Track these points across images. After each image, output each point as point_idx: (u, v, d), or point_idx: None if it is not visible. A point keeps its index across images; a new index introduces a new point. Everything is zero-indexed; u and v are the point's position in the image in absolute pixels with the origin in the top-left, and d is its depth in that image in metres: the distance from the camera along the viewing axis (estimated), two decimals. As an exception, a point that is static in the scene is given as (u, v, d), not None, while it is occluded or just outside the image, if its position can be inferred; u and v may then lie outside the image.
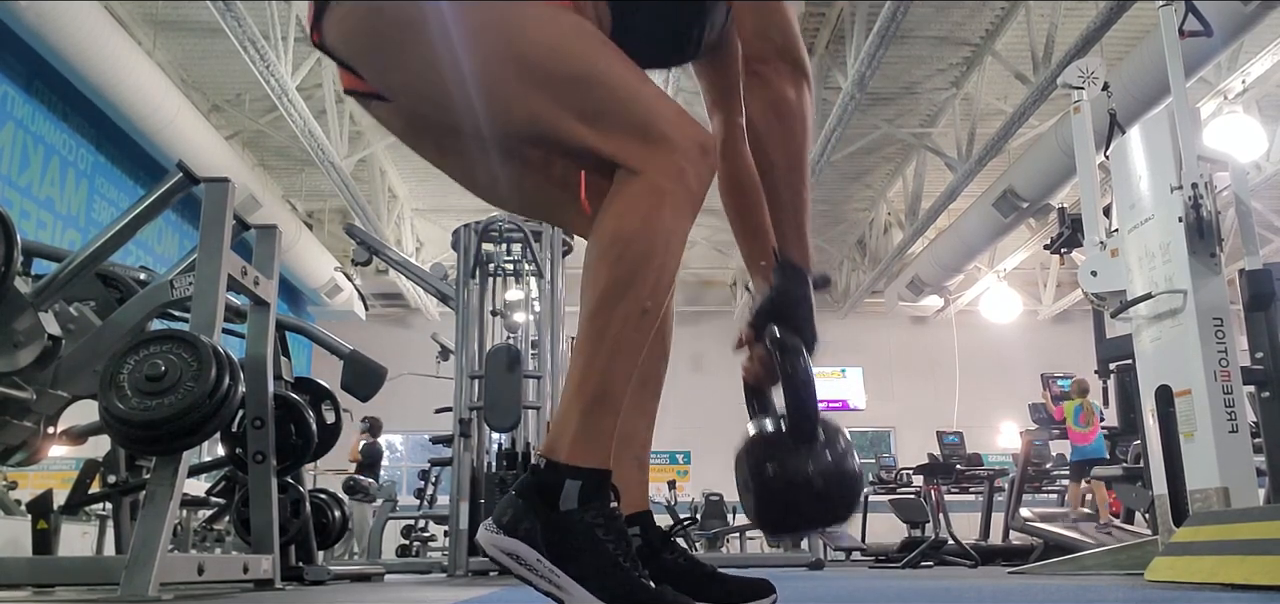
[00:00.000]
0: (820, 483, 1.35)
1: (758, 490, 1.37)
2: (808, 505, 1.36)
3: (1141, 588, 2.61)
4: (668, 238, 1.24)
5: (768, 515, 1.40)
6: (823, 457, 1.35)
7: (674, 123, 1.26)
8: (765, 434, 1.40)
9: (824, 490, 1.35)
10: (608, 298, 1.22)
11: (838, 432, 1.39)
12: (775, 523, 1.42)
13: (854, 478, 1.39)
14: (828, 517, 1.40)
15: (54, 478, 6.97)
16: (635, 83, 1.28)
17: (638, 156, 1.24)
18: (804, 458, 1.35)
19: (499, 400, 5.54)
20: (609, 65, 1.28)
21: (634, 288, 1.22)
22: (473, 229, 6.43)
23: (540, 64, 1.27)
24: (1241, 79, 8.74)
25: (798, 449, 1.36)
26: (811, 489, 1.35)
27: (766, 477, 1.37)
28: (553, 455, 1.24)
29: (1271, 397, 3.64)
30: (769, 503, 1.38)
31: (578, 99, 1.27)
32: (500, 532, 1.25)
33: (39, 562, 3.18)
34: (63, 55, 7.26)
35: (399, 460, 16.78)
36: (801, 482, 1.35)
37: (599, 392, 1.23)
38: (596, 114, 1.26)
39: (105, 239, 2.89)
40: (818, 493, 1.35)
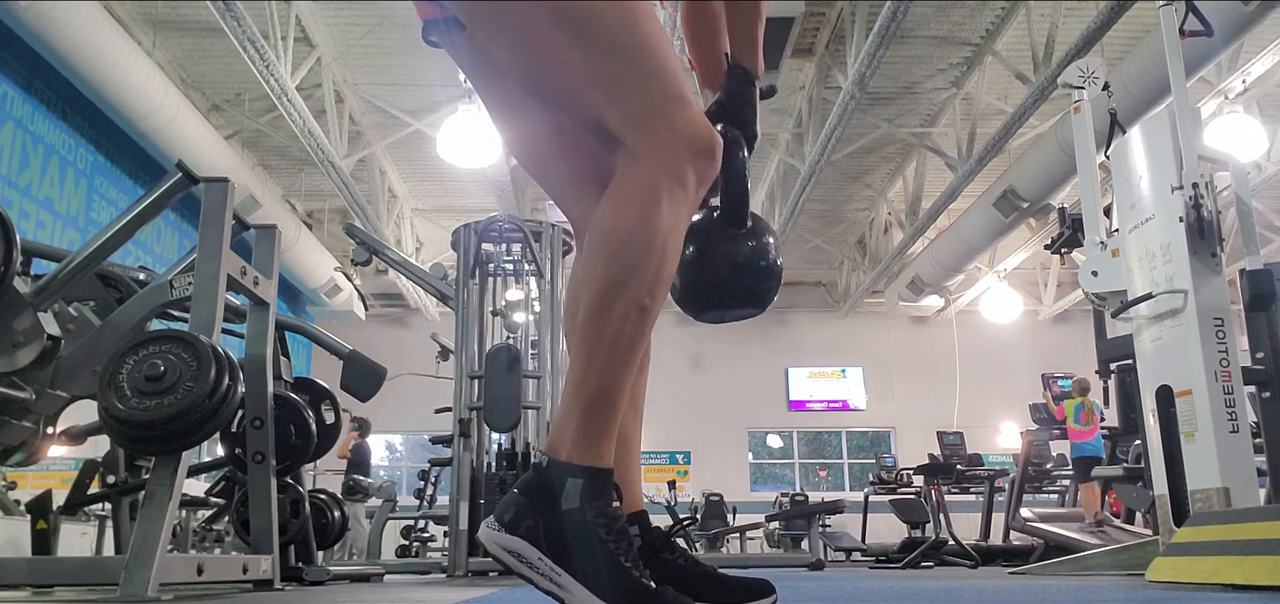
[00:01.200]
0: (743, 263, 1.47)
1: (684, 266, 1.44)
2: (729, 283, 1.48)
3: (1142, 588, 2.61)
4: (666, 235, 1.24)
5: (693, 292, 1.49)
6: (747, 241, 1.48)
7: (686, 118, 1.27)
8: (697, 219, 1.48)
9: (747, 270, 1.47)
10: (606, 296, 1.22)
11: (766, 226, 1.51)
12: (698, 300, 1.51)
13: (774, 266, 1.51)
14: (747, 297, 1.50)
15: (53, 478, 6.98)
16: (662, 66, 1.29)
17: (643, 143, 1.26)
18: (733, 241, 1.47)
19: (499, 400, 5.54)
20: (642, 40, 1.29)
21: (631, 285, 1.22)
22: (473, 229, 6.43)
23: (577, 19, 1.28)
24: (1242, 79, 8.74)
25: (726, 232, 1.47)
26: (735, 267, 1.46)
27: (696, 256, 1.47)
28: (554, 454, 1.24)
29: (1272, 397, 3.64)
30: (696, 279, 1.48)
31: (604, 65, 1.28)
32: (502, 529, 1.25)
33: (38, 562, 3.17)
34: (63, 55, 7.26)
35: (399, 460, 16.78)
36: (725, 260, 1.47)
37: (599, 390, 1.23)
38: (617, 86, 1.28)
39: (105, 239, 2.88)
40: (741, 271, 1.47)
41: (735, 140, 1.45)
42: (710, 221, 1.48)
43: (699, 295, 1.51)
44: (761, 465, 16.28)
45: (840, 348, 16.01)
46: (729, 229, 1.47)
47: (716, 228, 1.47)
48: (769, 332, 15.12)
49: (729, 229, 1.47)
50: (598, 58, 1.28)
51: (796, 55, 9.08)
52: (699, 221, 1.47)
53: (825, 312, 15.81)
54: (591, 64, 1.28)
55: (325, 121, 9.28)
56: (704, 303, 1.52)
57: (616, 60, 1.28)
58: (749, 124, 1.50)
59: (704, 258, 1.46)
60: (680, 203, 1.25)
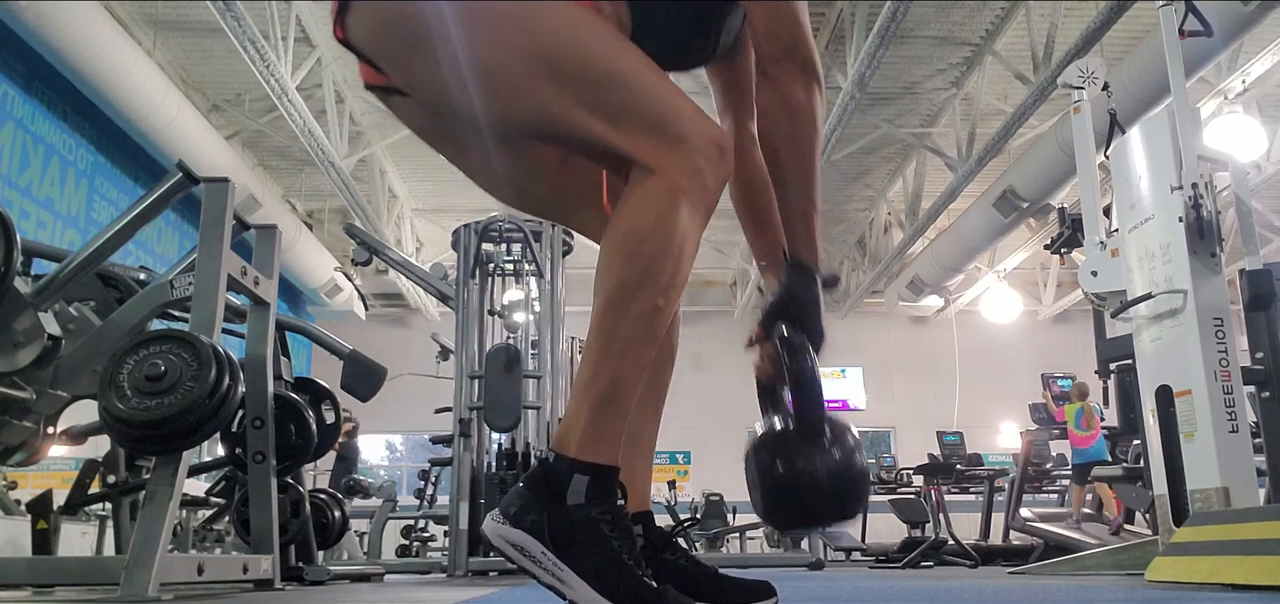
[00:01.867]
0: (826, 480, 1.37)
1: (765, 488, 1.39)
2: (814, 502, 1.39)
3: (1142, 588, 2.61)
4: (682, 237, 1.23)
5: (775, 512, 1.43)
6: (829, 454, 1.37)
7: (692, 122, 1.27)
8: (773, 432, 1.42)
9: (830, 488, 1.37)
10: (620, 295, 1.22)
11: (845, 430, 1.41)
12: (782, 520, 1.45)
13: (860, 475, 1.41)
14: (834, 514, 1.42)
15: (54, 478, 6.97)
16: (654, 82, 1.29)
17: (655, 155, 1.25)
18: (810, 455, 1.37)
19: (499, 400, 5.54)
20: (629, 63, 1.29)
21: (646, 286, 1.22)
22: (473, 229, 6.44)
23: (561, 61, 1.27)
24: (1241, 79, 8.74)
25: (804, 447, 1.38)
26: (817, 486, 1.37)
27: (774, 474, 1.39)
28: (562, 449, 1.24)
29: (1271, 397, 3.64)
30: (776, 500, 1.41)
31: (597, 96, 1.27)
32: (507, 522, 1.25)
33: (39, 562, 3.18)
34: (63, 55, 7.26)
35: (399, 460, 16.78)
36: (807, 479, 1.37)
37: (609, 389, 1.23)
38: (615, 112, 1.26)
39: (105, 239, 2.89)
40: (824, 490, 1.37)
41: (802, 347, 1.40)
42: (786, 434, 1.40)
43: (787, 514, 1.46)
44: (761, 465, 16.25)
45: (840, 348, 15.98)
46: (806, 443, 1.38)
47: (793, 441, 1.39)
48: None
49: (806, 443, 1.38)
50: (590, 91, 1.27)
51: (796, 55, 9.07)
52: (777, 435, 1.41)
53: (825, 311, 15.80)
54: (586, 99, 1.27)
55: (325, 121, 9.28)
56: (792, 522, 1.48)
57: (608, 88, 1.27)
58: (814, 324, 1.43)
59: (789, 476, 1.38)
60: (698, 206, 1.25)
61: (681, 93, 1.30)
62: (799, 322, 1.43)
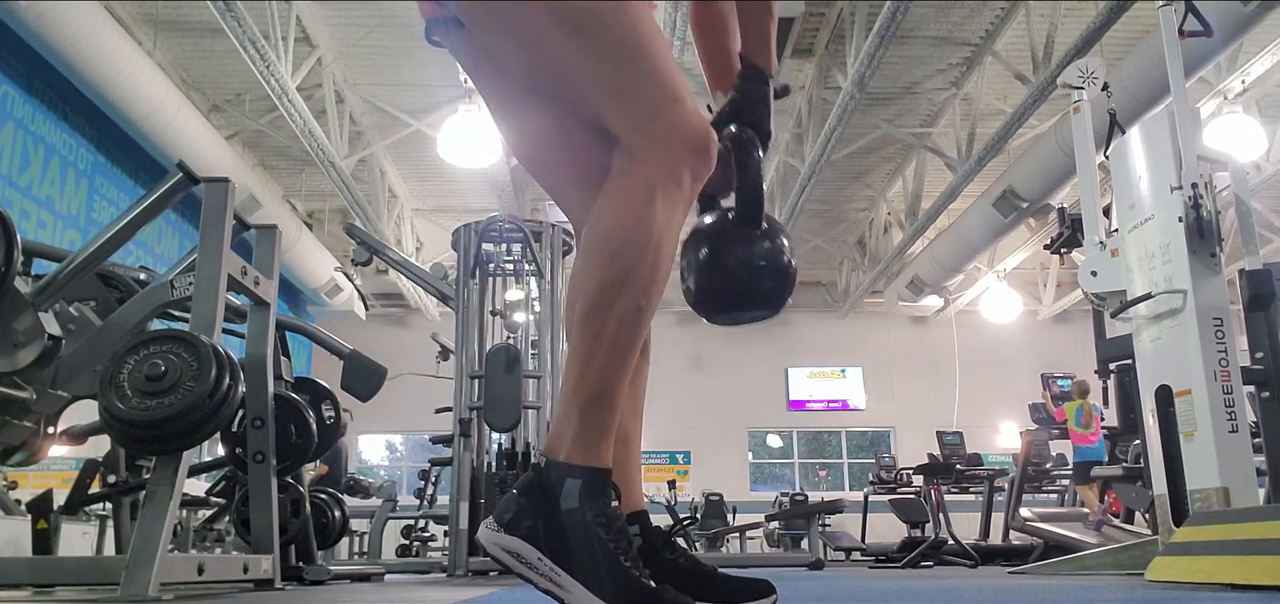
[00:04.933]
0: (759, 264, 1.44)
1: (698, 269, 1.44)
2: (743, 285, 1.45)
3: (1142, 588, 2.61)
4: (661, 234, 1.24)
5: (704, 294, 1.47)
6: (762, 243, 1.44)
7: (683, 117, 1.28)
8: (713, 220, 1.47)
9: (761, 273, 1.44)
10: (603, 298, 1.23)
11: (780, 228, 1.48)
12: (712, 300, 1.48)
13: (787, 269, 1.47)
14: (760, 300, 1.47)
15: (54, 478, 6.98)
16: (661, 66, 1.30)
17: (641, 142, 1.26)
18: (744, 243, 1.44)
19: (499, 400, 5.54)
20: (641, 40, 1.30)
21: (628, 286, 1.23)
22: (473, 229, 6.44)
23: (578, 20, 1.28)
24: (1241, 79, 8.74)
25: (741, 233, 1.44)
26: (751, 270, 1.43)
27: (707, 255, 1.44)
28: (553, 455, 1.24)
29: (1271, 397, 3.64)
30: (708, 281, 1.46)
31: (603, 65, 1.29)
32: (501, 530, 1.25)
33: (39, 562, 3.18)
34: (63, 55, 7.26)
35: (399, 460, 16.78)
36: (739, 261, 1.44)
37: (597, 391, 1.23)
38: (616, 86, 1.28)
39: (105, 239, 2.89)
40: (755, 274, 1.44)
41: (749, 140, 1.43)
42: (725, 223, 1.45)
43: (714, 297, 1.48)
44: (761, 465, 16.28)
45: (840, 348, 16.01)
46: (744, 231, 1.44)
47: (731, 229, 1.44)
48: (769, 332, 15.09)
49: (744, 231, 1.44)
50: (596, 57, 1.29)
51: (796, 55, 9.09)
52: (713, 223, 1.46)
53: (825, 312, 15.81)
54: (590, 63, 1.29)
55: (325, 122, 9.28)
56: (718, 305, 1.49)
57: (615, 60, 1.29)
58: (763, 123, 1.48)
59: (718, 260, 1.44)
60: (675, 201, 1.26)
61: (682, 81, 1.32)
62: (749, 120, 1.47)
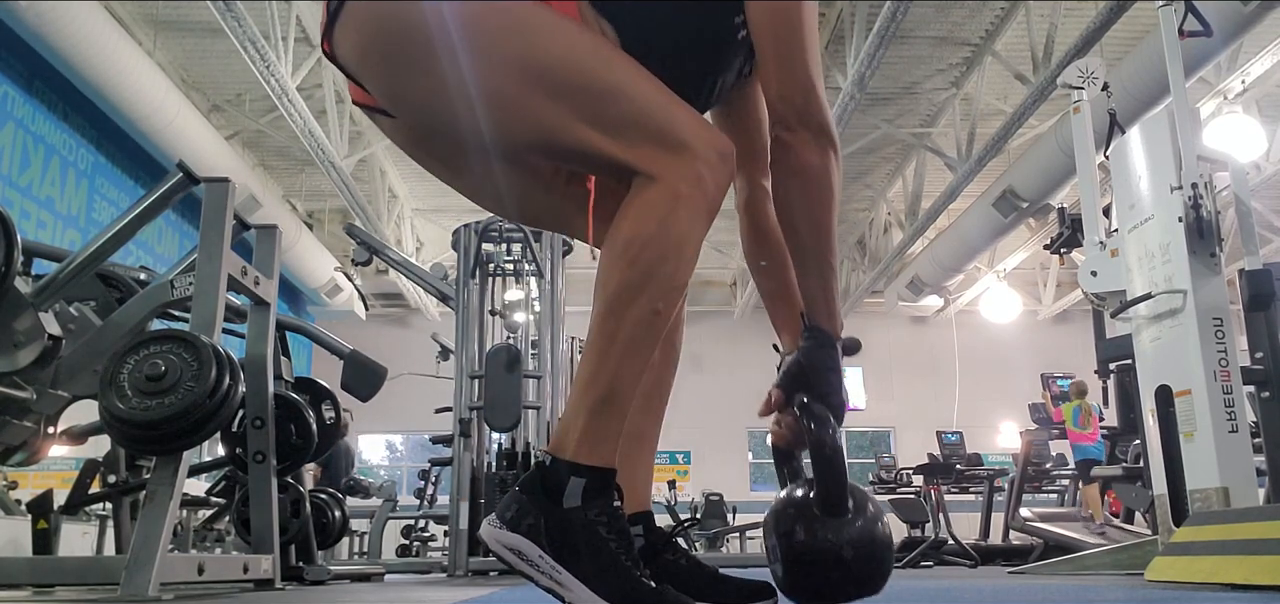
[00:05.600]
0: (850, 555, 1.34)
1: (787, 561, 1.36)
2: (838, 578, 1.35)
3: (1141, 588, 2.61)
4: (682, 242, 1.23)
5: (797, 586, 1.38)
6: (852, 527, 1.34)
7: (693, 129, 1.26)
8: (795, 502, 1.38)
9: (854, 562, 1.34)
10: (620, 299, 1.22)
11: (867, 500, 1.38)
12: (805, 594, 1.38)
13: (885, 547, 1.38)
14: (857, 589, 1.38)
15: (54, 478, 6.98)
16: (652, 91, 1.28)
17: (656, 163, 1.24)
18: (834, 529, 1.34)
19: (499, 400, 5.54)
20: (625, 75, 1.28)
21: (647, 290, 1.22)
22: (473, 229, 6.44)
23: (558, 77, 1.26)
24: (1241, 79, 8.74)
25: (827, 521, 1.34)
26: (841, 561, 1.33)
27: (797, 547, 1.35)
28: (559, 452, 1.24)
29: (1271, 397, 3.64)
30: (799, 574, 1.37)
31: (596, 110, 1.26)
32: (504, 527, 1.25)
33: (39, 562, 3.18)
34: (63, 55, 7.26)
35: (399, 460, 16.78)
36: (831, 554, 1.33)
37: (607, 392, 1.23)
38: (616, 125, 1.25)
39: (105, 239, 2.89)
40: (848, 564, 1.34)
41: (824, 419, 1.36)
42: (808, 507, 1.36)
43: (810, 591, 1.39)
44: (761, 465, 16.28)
45: (840, 348, 16.00)
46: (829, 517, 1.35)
47: (816, 515, 1.35)
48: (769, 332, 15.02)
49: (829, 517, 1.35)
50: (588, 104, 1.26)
51: (796, 55, 9.07)
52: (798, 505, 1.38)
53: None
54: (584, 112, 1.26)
55: (326, 122, 9.28)
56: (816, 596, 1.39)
57: (606, 100, 1.26)
58: (835, 395, 1.40)
59: (811, 552, 1.34)
60: (698, 209, 1.24)
61: (679, 100, 1.29)
62: (819, 392, 1.39)
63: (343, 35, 1.33)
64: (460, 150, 1.40)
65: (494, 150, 1.36)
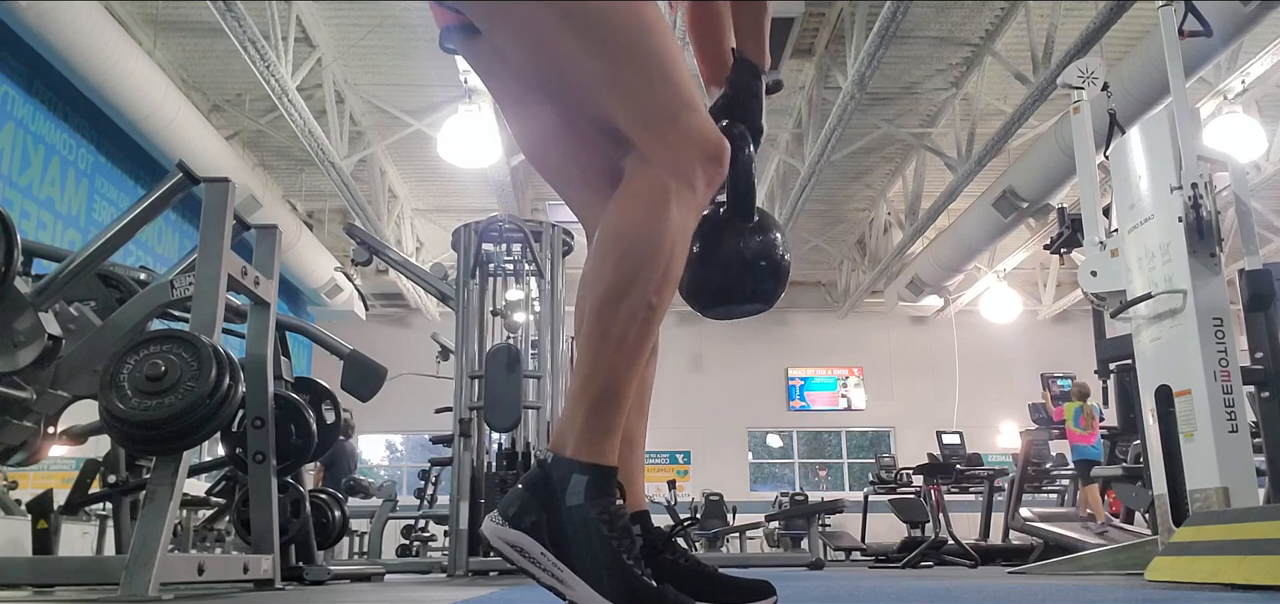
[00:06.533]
0: (750, 257, 1.45)
1: (691, 262, 1.42)
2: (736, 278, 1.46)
3: (1141, 588, 2.62)
4: (673, 237, 1.25)
5: (699, 287, 1.47)
6: (755, 237, 1.45)
7: (696, 123, 1.29)
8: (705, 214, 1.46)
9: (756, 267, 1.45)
10: (612, 295, 1.23)
11: (773, 222, 1.49)
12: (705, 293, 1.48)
13: (780, 262, 1.48)
14: (754, 294, 1.48)
15: (54, 478, 6.98)
16: (672, 71, 1.30)
17: (655, 148, 1.27)
18: (738, 235, 1.45)
19: (499, 400, 5.54)
20: (653, 45, 1.30)
21: (638, 285, 1.23)
22: (473, 229, 6.44)
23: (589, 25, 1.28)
24: (1241, 79, 8.74)
25: (733, 227, 1.45)
26: (743, 264, 1.45)
27: (701, 249, 1.45)
28: (559, 451, 1.25)
29: (1271, 397, 3.65)
30: (702, 275, 1.46)
31: (615, 70, 1.29)
32: (506, 524, 1.25)
33: (39, 562, 3.18)
34: (63, 55, 7.26)
35: (399, 460, 16.78)
36: (732, 254, 1.44)
37: (605, 389, 1.23)
38: (628, 91, 1.29)
39: (105, 239, 2.89)
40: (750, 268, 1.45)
41: (742, 135, 1.44)
42: (717, 216, 1.47)
43: (706, 291, 1.49)
44: (761, 465, 16.28)
45: (840, 348, 16.00)
46: (737, 223, 1.45)
47: (724, 223, 1.46)
48: (769, 331, 15.12)
49: (737, 223, 1.45)
50: (611, 62, 1.29)
51: (796, 55, 9.09)
52: (706, 216, 1.46)
53: (825, 311, 15.81)
54: (605, 68, 1.29)
55: (326, 122, 9.28)
56: (711, 298, 1.50)
57: (629, 65, 1.29)
58: (754, 118, 1.49)
59: (711, 253, 1.45)
60: (689, 205, 1.26)
61: (695, 89, 1.32)
62: (741, 115, 1.48)
63: None
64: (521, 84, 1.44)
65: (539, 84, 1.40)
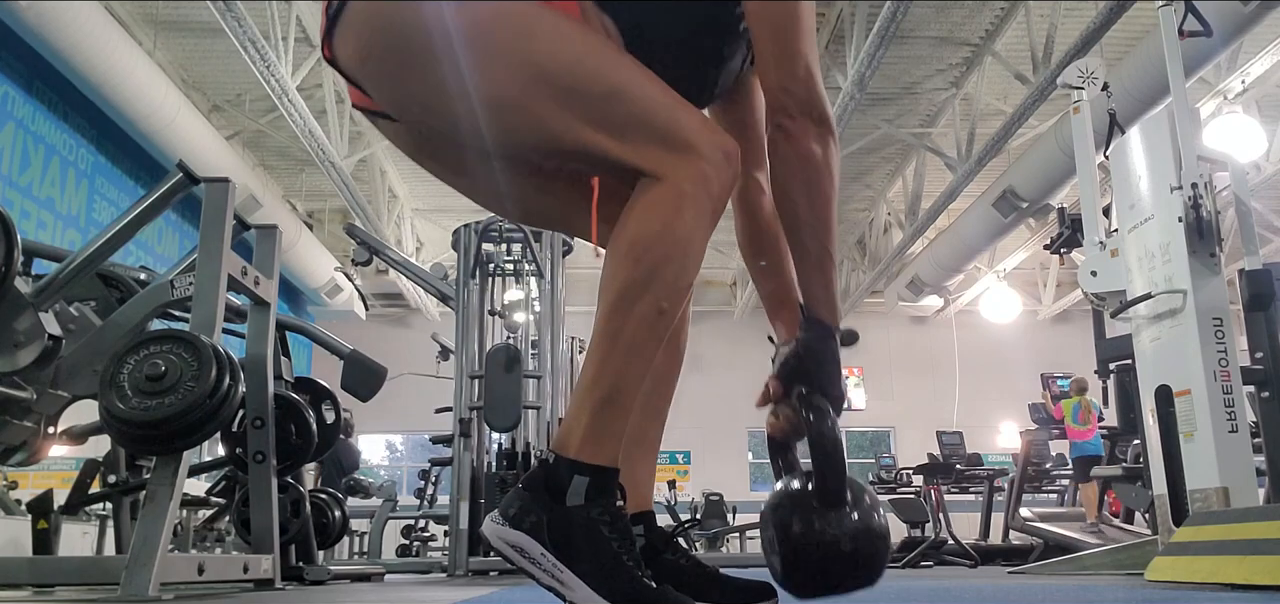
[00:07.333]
0: (849, 546, 1.33)
1: (785, 553, 1.35)
2: (836, 569, 1.34)
3: (1141, 588, 2.62)
4: (687, 241, 1.23)
5: (796, 579, 1.37)
6: (850, 519, 1.33)
7: (698, 130, 1.26)
8: (793, 495, 1.37)
9: (853, 554, 1.33)
10: (624, 298, 1.22)
11: (864, 492, 1.37)
12: (802, 587, 1.37)
13: (881, 539, 1.37)
14: (856, 580, 1.37)
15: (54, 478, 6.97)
16: (656, 92, 1.28)
17: (662, 163, 1.24)
18: (832, 521, 1.33)
19: (499, 400, 5.54)
20: (629, 75, 1.28)
21: (651, 289, 1.22)
22: (473, 229, 6.44)
23: (562, 79, 1.25)
24: (1241, 79, 8.74)
25: (826, 513, 1.33)
26: (840, 553, 1.33)
27: (794, 539, 1.34)
28: (562, 451, 1.24)
29: (1271, 397, 3.65)
30: (797, 567, 1.35)
31: (600, 111, 1.25)
32: (506, 524, 1.25)
33: (39, 562, 3.18)
34: (63, 55, 7.26)
35: (399, 460, 16.78)
36: (830, 546, 1.32)
37: (611, 391, 1.23)
38: (621, 126, 1.25)
39: (105, 239, 2.89)
40: (847, 556, 1.33)
41: (823, 411, 1.35)
42: (806, 498, 1.35)
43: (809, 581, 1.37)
44: (761, 465, 16.27)
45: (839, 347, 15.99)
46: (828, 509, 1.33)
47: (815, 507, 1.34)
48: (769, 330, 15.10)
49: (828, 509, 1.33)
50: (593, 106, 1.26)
51: (796, 55, 9.07)
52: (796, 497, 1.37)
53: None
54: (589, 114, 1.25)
55: (326, 122, 9.28)
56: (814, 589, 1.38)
57: (611, 102, 1.26)
58: (835, 386, 1.39)
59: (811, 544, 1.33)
60: (703, 209, 1.24)
61: (683, 101, 1.29)
62: (818, 383, 1.38)
63: (342, 39, 1.32)
64: (462, 152, 1.40)
65: (496, 152, 1.36)
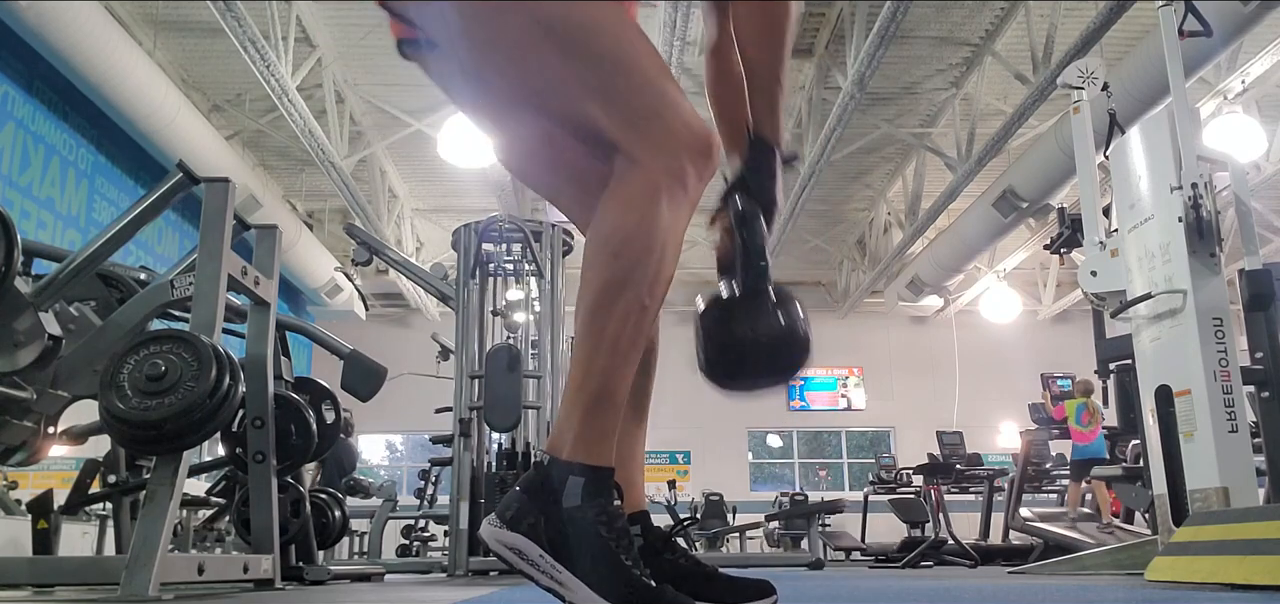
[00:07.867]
0: (766, 338, 1.42)
1: (706, 343, 1.43)
2: (753, 358, 1.43)
3: (1141, 588, 2.62)
4: (665, 235, 1.25)
5: (716, 369, 1.46)
6: (772, 315, 1.42)
7: (682, 119, 1.28)
8: (720, 295, 1.47)
9: (769, 345, 1.43)
10: (606, 296, 1.23)
11: (790, 297, 1.46)
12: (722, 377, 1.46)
13: (800, 340, 1.45)
14: (771, 372, 1.46)
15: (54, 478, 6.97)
16: (654, 72, 1.30)
17: (641, 148, 1.26)
18: (753, 316, 1.42)
19: (499, 400, 5.54)
20: (631, 49, 1.30)
21: (631, 285, 1.23)
22: (473, 229, 6.44)
23: (569, 33, 1.28)
24: (1241, 79, 8.74)
25: (747, 306, 1.43)
26: (757, 346, 1.42)
27: (714, 330, 1.44)
28: (556, 453, 1.25)
29: (1271, 397, 3.65)
30: (716, 355, 1.45)
31: (597, 76, 1.28)
32: (504, 526, 1.25)
33: (39, 562, 3.18)
34: (63, 55, 7.26)
35: (399, 460, 16.78)
36: (748, 339, 1.42)
37: (600, 390, 1.23)
38: (611, 96, 1.28)
39: (105, 239, 2.89)
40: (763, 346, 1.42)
41: (752, 213, 1.44)
42: (732, 295, 1.44)
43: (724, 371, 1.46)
44: (761, 465, 16.28)
45: (840, 348, 16.00)
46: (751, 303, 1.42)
47: (739, 301, 1.43)
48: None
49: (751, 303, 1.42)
50: (590, 69, 1.28)
51: (796, 55, 9.09)
52: (721, 295, 1.45)
53: (825, 311, 15.80)
54: (584, 76, 1.28)
55: (326, 122, 9.28)
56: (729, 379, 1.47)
57: (608, 70, 1.28)
58: (768, 194, 1.47)
59: (728, 331, 1.43)
60: (680, 202, 1.26)
61: (678, 87, 1.31)
62: (755, 192, 1.47)
63: None
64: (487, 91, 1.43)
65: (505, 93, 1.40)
